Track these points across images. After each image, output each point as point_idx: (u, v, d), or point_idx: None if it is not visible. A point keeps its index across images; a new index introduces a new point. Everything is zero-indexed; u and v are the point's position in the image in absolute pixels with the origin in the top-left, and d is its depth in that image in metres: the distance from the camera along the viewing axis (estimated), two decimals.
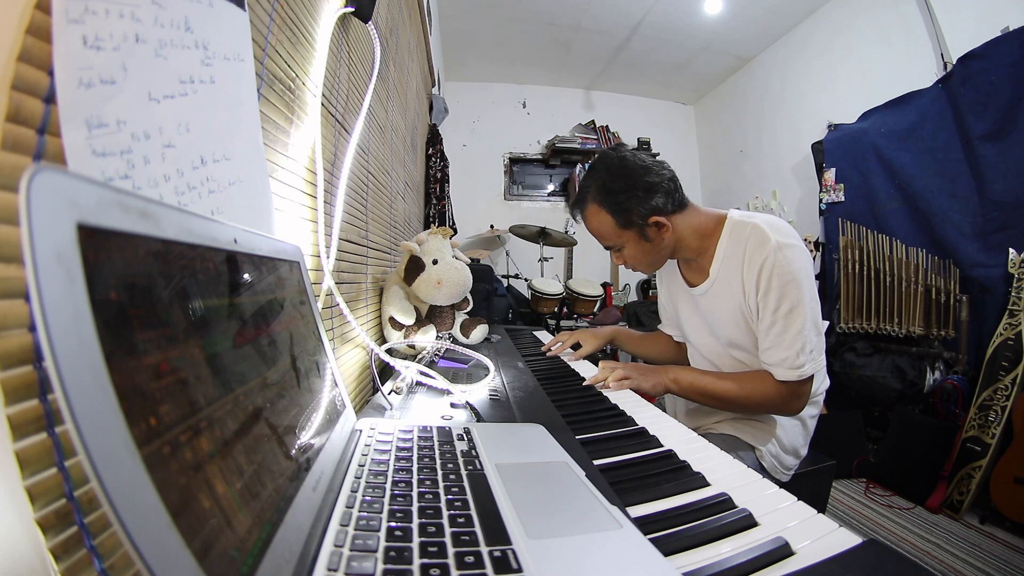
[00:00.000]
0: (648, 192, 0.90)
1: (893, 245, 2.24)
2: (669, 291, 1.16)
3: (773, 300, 0.84)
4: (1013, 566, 1.41)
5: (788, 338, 0.83)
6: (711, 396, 0.91)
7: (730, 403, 0.91)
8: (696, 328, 1.06)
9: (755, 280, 0.86)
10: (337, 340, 0.80)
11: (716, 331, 0.99)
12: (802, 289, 0.83)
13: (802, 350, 0.83)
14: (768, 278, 0.84)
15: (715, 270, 0.95)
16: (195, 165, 0.39)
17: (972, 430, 1.75)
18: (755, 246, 0.86)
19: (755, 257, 0.86)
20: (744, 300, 0.90)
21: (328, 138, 0.79)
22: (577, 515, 0.39)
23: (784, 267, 0.83)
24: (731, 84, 3.80)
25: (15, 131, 0.26)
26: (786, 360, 0.84)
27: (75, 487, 0.27)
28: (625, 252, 0.98)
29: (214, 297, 0.30)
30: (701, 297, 1.00)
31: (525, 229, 3.04)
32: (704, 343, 1.04)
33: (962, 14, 2.11)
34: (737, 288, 0.90)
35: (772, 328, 0.85)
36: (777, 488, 0.50)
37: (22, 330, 0.26)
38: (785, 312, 0.84)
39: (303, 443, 0.38)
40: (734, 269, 0.91)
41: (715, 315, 0.98)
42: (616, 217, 0.93)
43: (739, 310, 0.91)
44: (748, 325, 0.91)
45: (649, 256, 0.97)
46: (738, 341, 0.95)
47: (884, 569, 0.36)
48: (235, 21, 0.45)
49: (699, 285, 1.00)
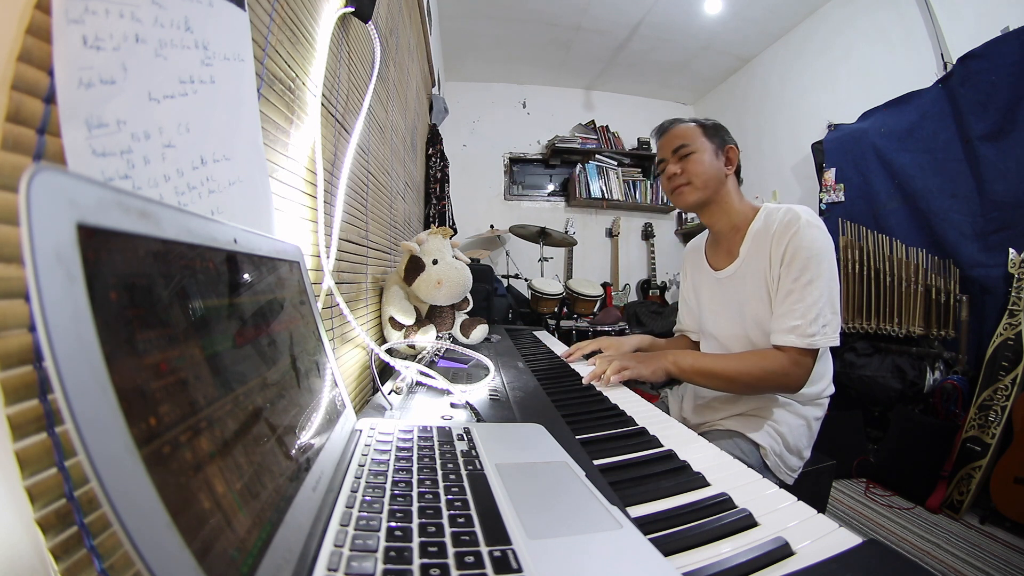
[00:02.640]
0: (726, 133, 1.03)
1: (893, 245, 2.24)
2: (693, 281, 1.17)
3: (796, 270, 0.88)
4: (1013, 566, 1.41)
5: (803, 307, 0.86)
6: (711, 375, 0.92)
7: (731, 379, 0.91)
8: (716, 313, 1.07)
9: (781, 251, 0.90)
10: (337, 340, 0.80)
11: (742, 312, 1.00)
12: (822, 265, 0.87)
13: (815, 320, 0.85)
14: (795, 249, 0.88)
15: (745, 250, 0.99)
16: (195, 165, 0.39)
17: (972, 430, 1.75)
18: (785, 222, 0.91)
19: (785, 231, 0.90)
20: (769, 272, 0.92)
21: (328, 138, 0.79)
22: (577, 515, 0.39)
23: (810, 242, 0.88)
24: (731, 84, 3.80)
25: (15, 131, 0.26)
26: (798, 327, 0.85)
27: (75, 487, 0.27)
28: (694, 156, 0.99)
29: (214, 297, 0.30)
30: (727, 280, 1.03)
31: (525, 229, 3.04)
32: (723, 329, 1.06)
33: (962, 14, 2.11)
34: (764, 262, 0.94)
35: (789, 296, 0.88)
36: (777, 488, 0.50)
37: (22, 330, 0.26)
38: (804, 283, 0.87)
39: (303, 443, 0.38)
40: (763, 246, 0.94)
41: (741, 296, 1.00)
42: (704, 128, 1.01)
43: (764, 284, 0.94)
44: (771, 300, 0.93)
45: (712, 171, 1.00)
46: (761, 318, 0.96)
47: (884, 569, 0.36)
48: (235, 21, 0.45)
49: (725, 268, 1.03)
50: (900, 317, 2.17)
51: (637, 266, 4.01)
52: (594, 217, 4.04)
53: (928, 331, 2.10)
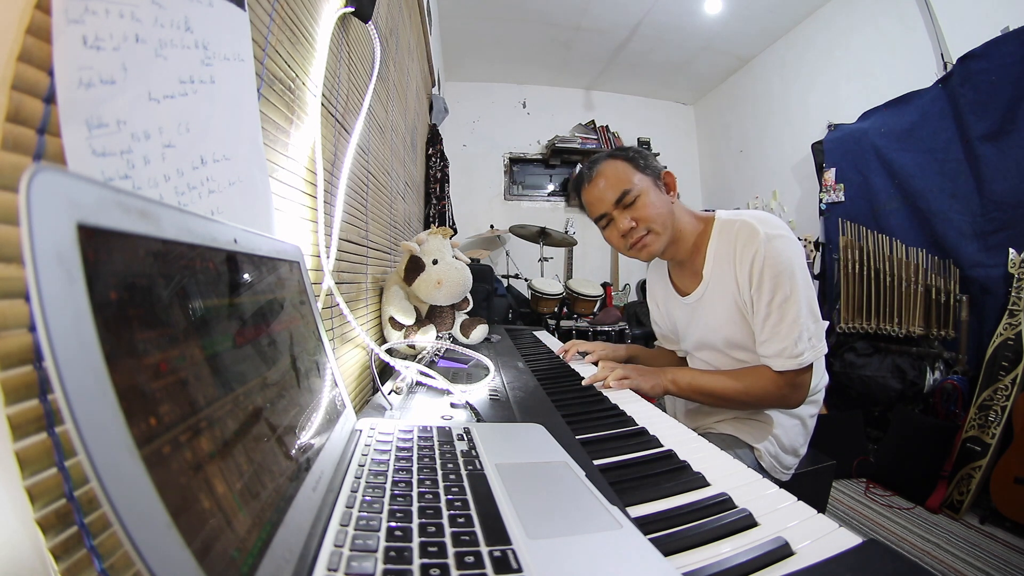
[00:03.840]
0: (654, 159, 0.98)
1: (893, 245, 2.24)
2: (664, 307, 1.15)
3: (767, 292, 0.85)
4: (1013, 566, 1.41)
5: (784, 328, 0.84)
6: (710, 395, 0.91)
7: (729, 400, 0.91)
8: (693, 336, 1.05)
9: (747, 274, 0.87)
10: (337, 340, 0.80)
11: (715, 335, 0.98)
12: (795, 278, 0.84)
13: (799, 338, 0.83)
14: (760, 270, 0.85)
15: (708, 271, 0.96)
16: (195, 165, 0.39)
17: (972, 430, 1.75)
18: (745, 240, 0.87)
19: (746, 251, 0.87)
20: (739, 295, 0.90)
21: (328, 138, 0.79)
22: (577, 515, 0.39)
23: (775, 258, 0.84)
24: (731, 84, 3.80)
25: (15, 131, 0.26)
26: (784, 350, 0.84)
27: (75, 487, 0.27)
28: (641, 200, 0.92)
29: (214, 297, 0.30)
30: (696, 304, 1.00)
31: (525, 229, 3.04)
32: (702, 349, 1.04)
33: (962, 14, 2.11)
34: (731, 285, 0.91)
35: (768, 319, 0.85)
36: (777, 488, 0.50)
37: (22, 330, 0.26)
38: (780, 302, 0.84)
39: (303, 443, 0.38)
40: (726, 267, 0.91)
41: (712, 319, 0.97)
42: (634, 162, 0.95)
43: (735, 307, 0.92)
44: (745, 321, 0.92)
45: (664, 208, 0.94)
46: (737, 340, 0.95)
47: (884, 569, 0.35)
48: (235, 21, 0.45)
49: (692, 292, 1.00)
50: (900, 317, 2.17)
51: (637, 266, 4.00)
52: None
53: (928, 331, 2.10)
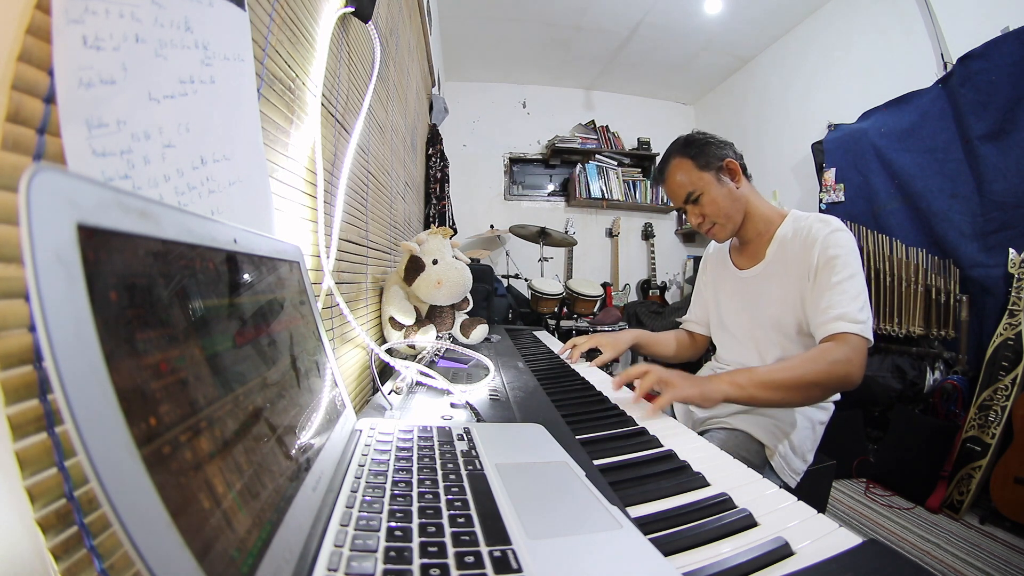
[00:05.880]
0: (723, 144, 1.03)
1: (893, 245, 2.24)
2: (714, 276, 1.19)
3: (839, 265, 0.90)
4: (1013, 566, 1.41)
5: (848, 297, 0.87)
6: (774, 385, 0.81)
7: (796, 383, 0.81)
8: (734, 310, 1.10)
9: (817, 254, 0.92)
10: (337, 340, 0.80)
11: (761, 312, 1.02)
12: (857, 265, 0.91)
13: (862, 308, 0.86)
14: (833, 248, 0.91)
15: (771, 251, 1.02)
16: (195, 165, 0.39)
17: (972, 430, 1.75)
18: (818, 227, 0.95)
19: (819, 235, 0.93)
20: (803, 279, 0.94)
21: (328, 138, 0.79)
22: (577, 515, 0.39)
23: (845, 243, 0.92)
24: (731, 84, 3.80)
25: (15, 131, 0.26)
26: (846, 314, 0.86)
27: (75, 487, 0.27)
28: (705, 198, 1.00)
29: (214, 297, 0.30)
30: (751, 279, 1.05)
31: (525, 229, 3.04)
32: (739, 324, 1.09)
33: (962, 14, 2.11)
34: (794, 267, 0.96)
35: (832, 289, 0.89)
36: (777, 488, 0.50)
37: (22, 330, 0.26)
38: (847, 276, 0.89)
39: (303, 443, 0.38)
40: (792, 250, 0.97)
41: (763, 297, 1.02)
42: (696, 160, 1.01)
43: (795, 290, 0.96)
44: (798, 307, 0.95)
45: (728, 199, 1.01)
46: (783, 322, 0.98)
47: (884, 569, 0.35)
48: (235, 21, 0.45)
49: (751, 268, 1.06)
50: (900, 317, 2.17)
51: (637, 266, 4.01)
52: (594, 217, 4.04)
53: (928, 331, 2.10)
